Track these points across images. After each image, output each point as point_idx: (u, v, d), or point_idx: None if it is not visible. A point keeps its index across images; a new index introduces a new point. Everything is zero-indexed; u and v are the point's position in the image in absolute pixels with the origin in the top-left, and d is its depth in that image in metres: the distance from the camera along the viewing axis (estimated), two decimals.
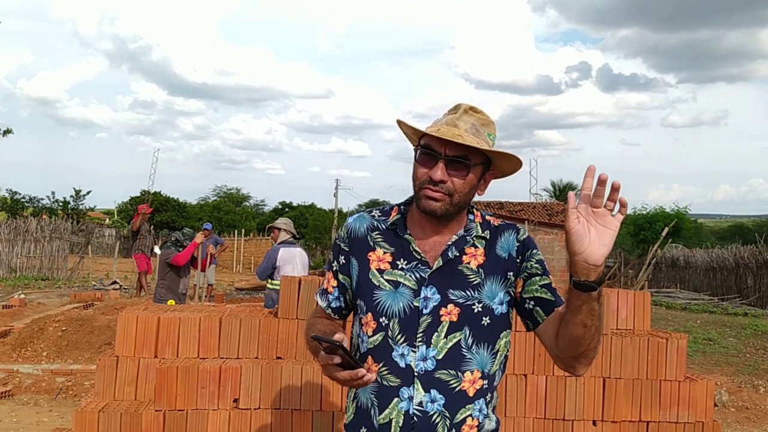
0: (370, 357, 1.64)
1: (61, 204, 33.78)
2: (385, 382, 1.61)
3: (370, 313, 1.66)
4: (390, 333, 1.62)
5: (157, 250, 12.14)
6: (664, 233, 15.61)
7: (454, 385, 1.60)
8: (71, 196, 34.30)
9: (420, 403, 1.58)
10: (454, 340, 1.60)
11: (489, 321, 1.64)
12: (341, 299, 1.78)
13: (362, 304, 1.69)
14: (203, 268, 7.74)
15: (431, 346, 1.60)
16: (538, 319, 1.67)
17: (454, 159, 1.57)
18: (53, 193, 34.52)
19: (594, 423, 3.41)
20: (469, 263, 1.65)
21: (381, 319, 1.63)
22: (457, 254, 1.65)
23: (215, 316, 3.55)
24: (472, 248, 1.67)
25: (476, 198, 1.69)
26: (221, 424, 3.26)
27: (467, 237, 1.67)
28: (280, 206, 50.42)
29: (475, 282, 1.64)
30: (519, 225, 1.76)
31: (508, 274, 1.67)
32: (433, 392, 1.59)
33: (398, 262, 1.66)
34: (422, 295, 1.61)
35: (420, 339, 1.60)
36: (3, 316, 8.93)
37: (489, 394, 1.66)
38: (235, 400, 3.30)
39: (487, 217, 1.74)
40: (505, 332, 1.69)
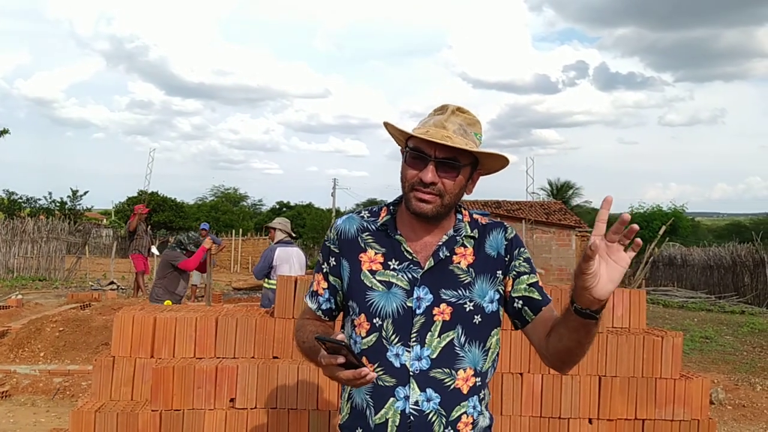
0: (364, 358, 1.65)
1: (58, 204, 33.70)
2: (380, 383, 1.62)
3: (363, 315, 1.66)
4: (384, 333, 1.63)
5: (154, 250, 12.14)
6: (661, 232, 15.61)
7: (448, 384, 1.61)
8: (68, 197, 34.26)
9: (416, 403, 1.59)
10: (448, 339, 1.62)
11: (480, 319, 1.65)
12: (332, 301, 1.78)
13: (355, 306, 1.69)
14: (204, 270, 7.79)
15: (425, 345, 1.61)
16: (527, 319, 1.70)
17: (444, 161, 1.58)
18: (50, 193, 34.46)
19: (590, 421, 3.42)
20: (459, 263, 1.67)
21: (375, 320, 1.64)
22: (448, 254, 1.66)
23: (211, 316, 3.56)
24: (462, 248, 1.68)
25: (473, 197, 1.69)
26: (218, 423, 3.26)
27: (457, 237, 1.68)
28: (277, 206, 50.40)
29: (466, 281, 1.65)
30: (507, 223, 1.77)
31: (497, 272, 1.69)
32: (429, 391, 1.60)
33: (390, 263, 1.66)
34: (415, 296, 1.62)
35: (414, 339, 1.61)
36: (0, 317, 8.91)
37: (482, 391, 1.68)
38: (232, 400, 3.31)
39: (475, 216, 1.76)
40: (495, 330, 1.71)
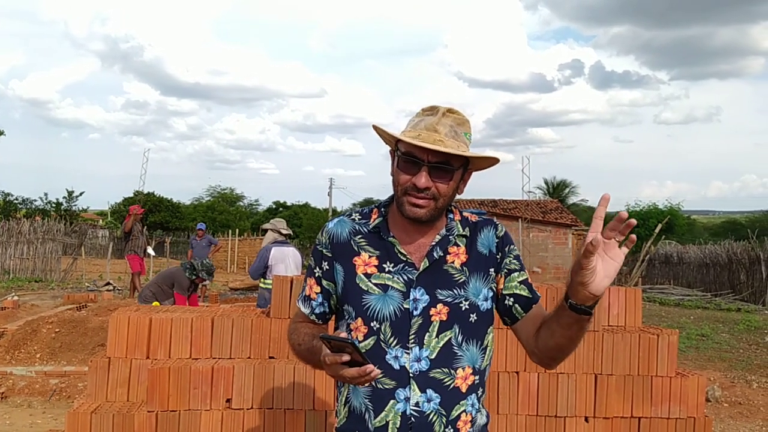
0: None
1: (54, 205, 33.66)
2: (379, 386, 1.61)
3: (360, 318, 1.65)
4: (382, 336, 1.62)
5: (150, 251, 12.11)
6: (657, 230, 15.63)
7: (448, 383, 1.62)
8: (64, 198, 34.24)
9: (416, 404, 1.60)
10: (446, 339, 1.62)
11: (476, 318, 1.66)
12: (325, 305, 1.77)
13: (351, 310, 1.68)
14: (196, 304, 8.00)
15: (424, 346, 1.61)
16: (517, 316, 1.72)
17: (437, 165, 1.58)
18: (46, 194, 34.48)
19: (586, 419, 3.42)
20: (453, 262, 1.67)
21: (372, 323, 1.63)
22: (442, 254, 1.66)
23: (207, 317, 3.55)
24: (455, 247, 1.69)
25: (469, 196, 1.69)
26: (214, 424, 3.26)
27: (450, 236, 1.69)
28: (274, 206, 50.36)
29: (460, 280, 1.66)
30: (503, 222, 1.77)
31: (490, 270, 1.70)
32: (429, 392, 1.60)
33: (385, 266, 1.66)
34: (411, 297, 1.62)
35: (412, 340, 1.61)
36: None
37: (480, 389, 1.69)
38: (228, 400, 3.30)
39: (465, 214, 1.76)
40: (491, 327, 1.72)
